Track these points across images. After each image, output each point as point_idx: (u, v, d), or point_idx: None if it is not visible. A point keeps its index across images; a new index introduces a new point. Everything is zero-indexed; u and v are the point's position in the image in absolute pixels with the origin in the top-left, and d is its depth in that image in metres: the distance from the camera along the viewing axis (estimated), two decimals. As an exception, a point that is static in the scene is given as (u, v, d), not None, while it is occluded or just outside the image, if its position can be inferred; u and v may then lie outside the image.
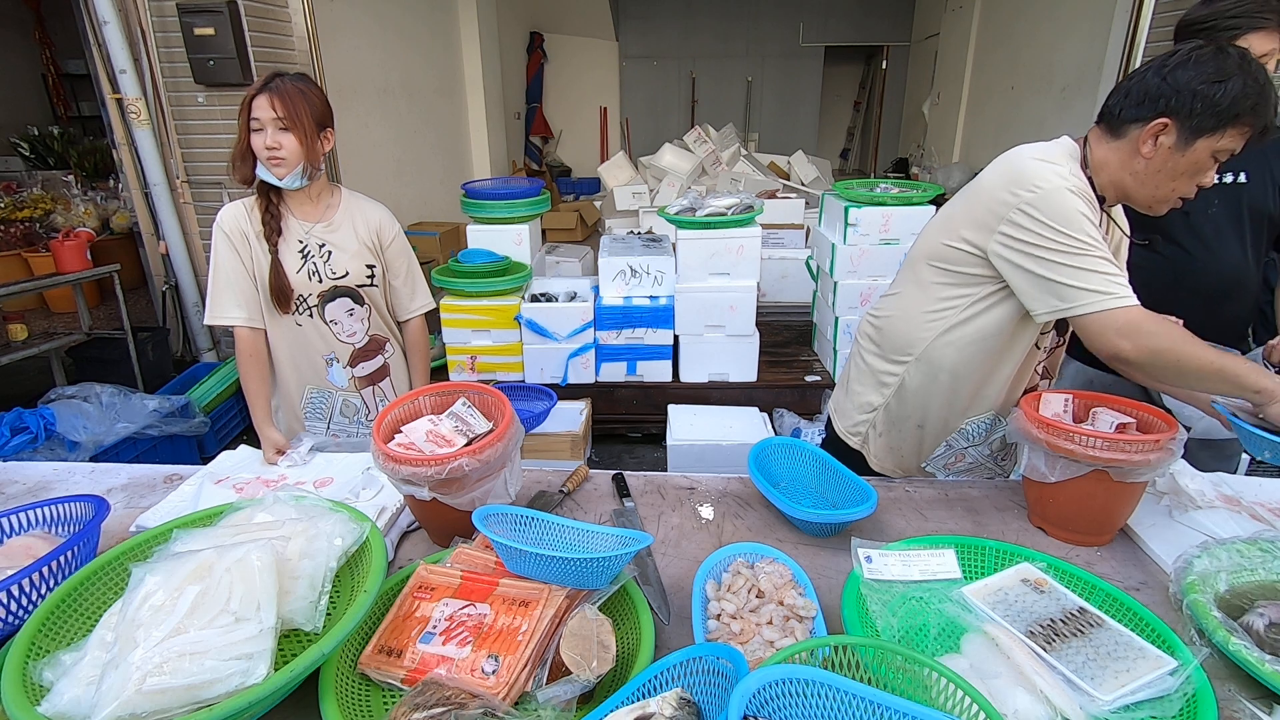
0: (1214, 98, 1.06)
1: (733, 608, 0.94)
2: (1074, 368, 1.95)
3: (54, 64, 7.09)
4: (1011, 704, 0.78)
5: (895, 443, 1.51)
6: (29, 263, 4.50)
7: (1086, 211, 1.14)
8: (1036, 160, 1.19)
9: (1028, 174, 1.18)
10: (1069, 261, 1.14)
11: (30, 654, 0.81)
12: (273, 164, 1.55)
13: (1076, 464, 1.12)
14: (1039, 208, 1.15)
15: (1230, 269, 1.66)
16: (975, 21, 7.49)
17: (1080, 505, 1.16)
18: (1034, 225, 1.16)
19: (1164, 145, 1.12)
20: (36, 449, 2.67)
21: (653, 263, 3.31)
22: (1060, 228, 1.14)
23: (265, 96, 1.52)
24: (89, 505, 1.12)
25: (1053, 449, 1.13)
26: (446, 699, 0.76)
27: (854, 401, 1.55)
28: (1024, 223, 1.17)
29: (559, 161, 9.95)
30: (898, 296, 1.45)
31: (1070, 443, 1.11)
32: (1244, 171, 1.62)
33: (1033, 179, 1.17)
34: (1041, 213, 1.15)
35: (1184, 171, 1.13)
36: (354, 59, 5.11)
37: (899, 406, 1.47)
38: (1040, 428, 1.15)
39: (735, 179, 6.02)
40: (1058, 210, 1.14)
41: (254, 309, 1.64)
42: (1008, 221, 1.19)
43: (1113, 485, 1.12)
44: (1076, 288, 1.14)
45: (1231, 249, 1.65)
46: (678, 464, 2.87)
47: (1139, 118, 1.13)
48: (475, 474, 1.07)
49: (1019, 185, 1.18)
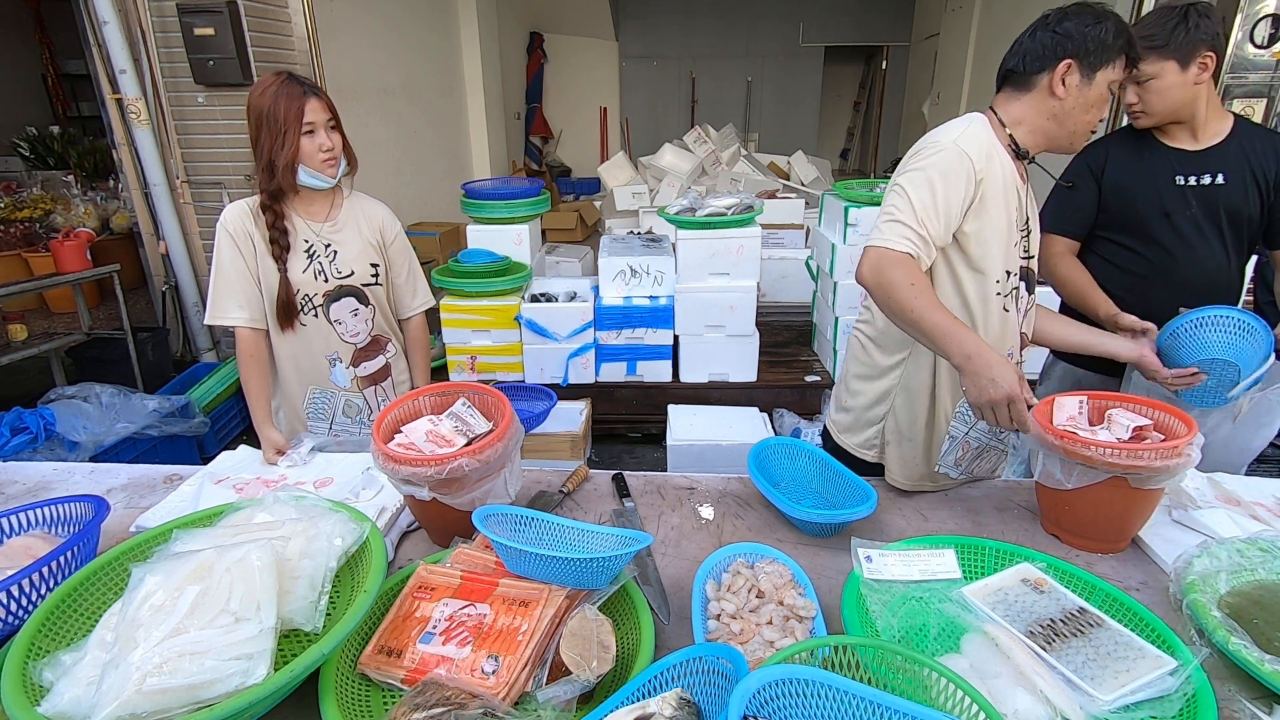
0: (1100, 35, 1.23)
1: (733, 608, 0.95)
2: (1061, 368, 1.95)
3: (54, 64, 7.09)
4: (1011, 704, 0.78)
5: (906, 454, 1.47)
6: (29, 263, 4.50)
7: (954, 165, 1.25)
8: (938, 133, 1.32)
9: (926, 142, 1.31)
10: (887, 201, 1.29)
11: (30, 654, 0.81)
12: (328, 165, 1.58)
13: (1094, 470, 1.10)
14: (916, 161, 1.29)
15: (1211, 267, 1.71)
16: (975, 21, 7.49)
17: (1097, 512, 1.14)
18: (900, 173, 1.32)
19: (1072, 83, 1.26)
20: (36, 449, 2.66)
21: (653, 263, 3.31)
22: (910, 177, 1.27)
23: (315, 100, 1.53)
24: (89, 505, 1.12)
25: (1069, 455, 1.11)
26: (446, 699, 0.76)
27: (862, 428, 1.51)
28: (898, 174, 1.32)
29: (559, 161, 9.95)
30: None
31: (1088, 450, 1.09)
32: (1222, 173, 1.65)
33: (927, 143, 1.30)
34: (914, 165, 1.29)
35: (1094, 102, 1.28)
36: (354, 59, 5.11)
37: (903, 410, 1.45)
38: (1056, 436, 1.13)
39: (735, 179, 6.02)
40: (925, 163, 1.27)
41: (256, 309, 1.64)
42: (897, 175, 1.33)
43: (1130, 492, 1.10)
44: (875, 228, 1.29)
45: (1213, 248, 1.69)
46: (678, 464, 2.87)
47: (1044, 67, 1.26)
48: (475, 474, 1.07)
49: (918, 150, 1.32)
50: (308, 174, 1.57)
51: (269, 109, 1.50)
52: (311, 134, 1.53)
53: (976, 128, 1.31)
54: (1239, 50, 3.44)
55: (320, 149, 1.54)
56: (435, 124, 6.47)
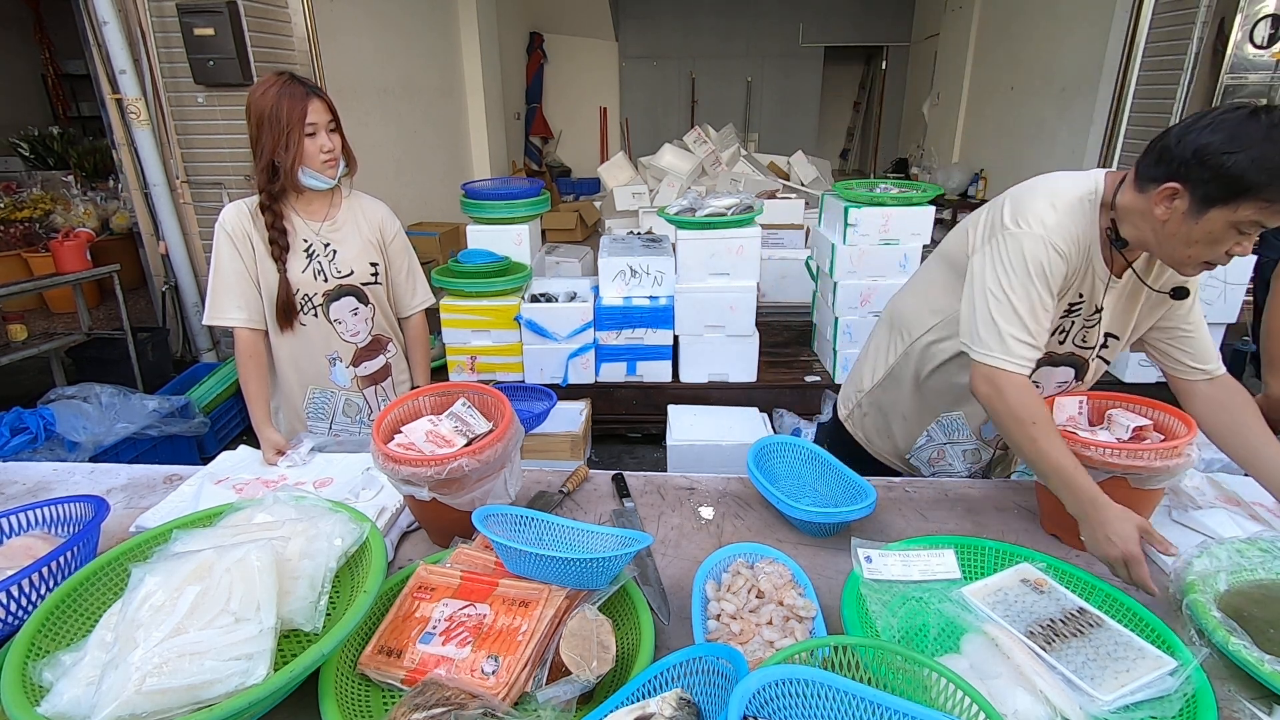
0: (1223, 168, 0.98)
1: (733, 608, 0.95)
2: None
3: (54, 64, 7.10)
4: (1011, 704, 0.78)
5: (882, 425, 1.58)
6: (29, 263, 4.50)
7: (1046, 265, 1.15)
8: (1045, 201, 1.19)
9: (1024, 208, 1.19)
10: (990, 306, 1.18)
11: (30, 654, 0.81)
12: (329, 166, 1.57)
13: (1093, 470, 1.10)
14: (1006, 244, 1.18)
15: None
16: (975, 21, 7.49)
17: None
18: (992, 259, 1.19)
19: (1177, 210, 1.06)
20: (36, 449, 2.66)
21: (652, 263, 3.31)
22: (1005, 272, 1.17)
23: (317, 101, 1.53)
24: (89, 506, 1.12)
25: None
26: (446, 699, 0.76)
27: (858, 377, 1.63)
28: (991, 252, 1.20)
29: (559, 161, 9.95)
30: (914, 283, 1.52)
31: (1088, 450, 1.10)
32: None
33: (1023, 215, 1.18)
34: (1005, 250, 1.17)
35: (1198, 240, 1.06)
36: (354, 59, 5.11)
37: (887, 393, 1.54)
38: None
39: (735, 179, 6.02)
40: (1016, 254, 1.16)
41: (255, 309, 1.64)
42: (987, 245, 1.22)
43: (1130, 492, 1.10)
44: (979, 332, 1.19)
45: None
46: (677, 464, 2.87)
47: (1154, 177, 1.08)
48: (475, 474, 1.07)
49: (1013, 215, 1.19)
50: (308, 175, 1.57)
51: (271, 110, 1.49)
52: (313, 135, 1.53)
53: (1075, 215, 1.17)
54: (1239, 50, 3.44)
55: (321, 150, 1.55)
56: (435, 124, 6.47)
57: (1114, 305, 1.28)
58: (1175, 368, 1.33)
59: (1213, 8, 3.46)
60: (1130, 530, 1.01)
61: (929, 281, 1.45)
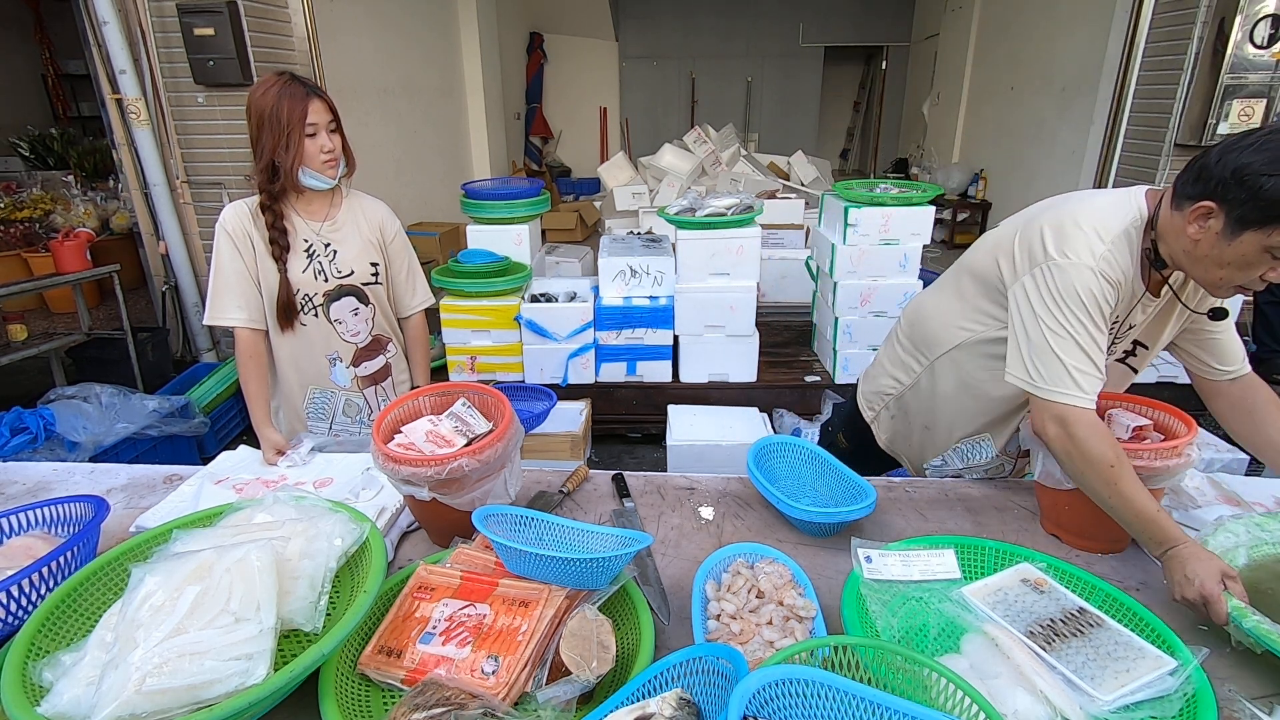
0: (1261, 189, 0.95)
1: (733, 608, 0.94)
2: None
3: (54, 64, 7.09)
4: (1011, 704, 0.78)
5: (904, 430, 1.57)
6: (29, 263, 4.50)
7: (1099, 296, 1.12)
8: (1092, 231, 1.15)
9: (1069, 238, 1.15)
10: (1048, 340, 1.13)
11: (30, 654, 0.81)
12: (329, 166, 1.57)
13: None
14: (1055, 277, 1.13)
15: None
16: (975, 21, 7.49)
17: (1097, 512, 1.13)
18: (1041, 292, 1.15)
19: (1211, 230, 1.03)
20: (36, 449, 2.66)
21: (652, 263, 3.31)
22: (1059, 306, 1.13)
23: (318, 101, 1.53)
24: (89, 506, 1.12)
25: None
26: (446, 699, 0.76)
27: (880, 377, 1.61)
28: (1037, 284, 1.16)
29: (559, 161, 9.95)
30: (938, 296, 1.47)
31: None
32: None
33: (1068, 245, 1.14)
34: (1055, 283, 1.13)
35: (1230, 262, 1.04)
36: (354, 59, 5.11)
37: (914, 400, 1.53)
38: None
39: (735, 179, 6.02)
40: (1068, 288, 1.12)
41: (255, 309, 1.64)
42: (1030, 275, 1.18)
43: None
44: (1038, 367, 1.15)
45: None
46: (677, 464, 2.87)
47: (1190, 195, 1.05)
48: (475, 474, 1.07)
49: (1057, 245, 1.15)
50: (309, 175, 1.57)
51: (272, 110, 1.49)
52: (313, 136, 1.54)
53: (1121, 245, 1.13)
54: (1239, 50, 3.44)
55: (322, 150, 1.55)
56: (435, 124, 6.47)
57: (1146, 320, 1.26)
58: (1200, 368, 1.32)
59: (1213, 8, 3.46)
60: (1210, 570, 0.97)
61: (955, 295, 1.40)
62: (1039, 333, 1.15)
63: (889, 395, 1.58)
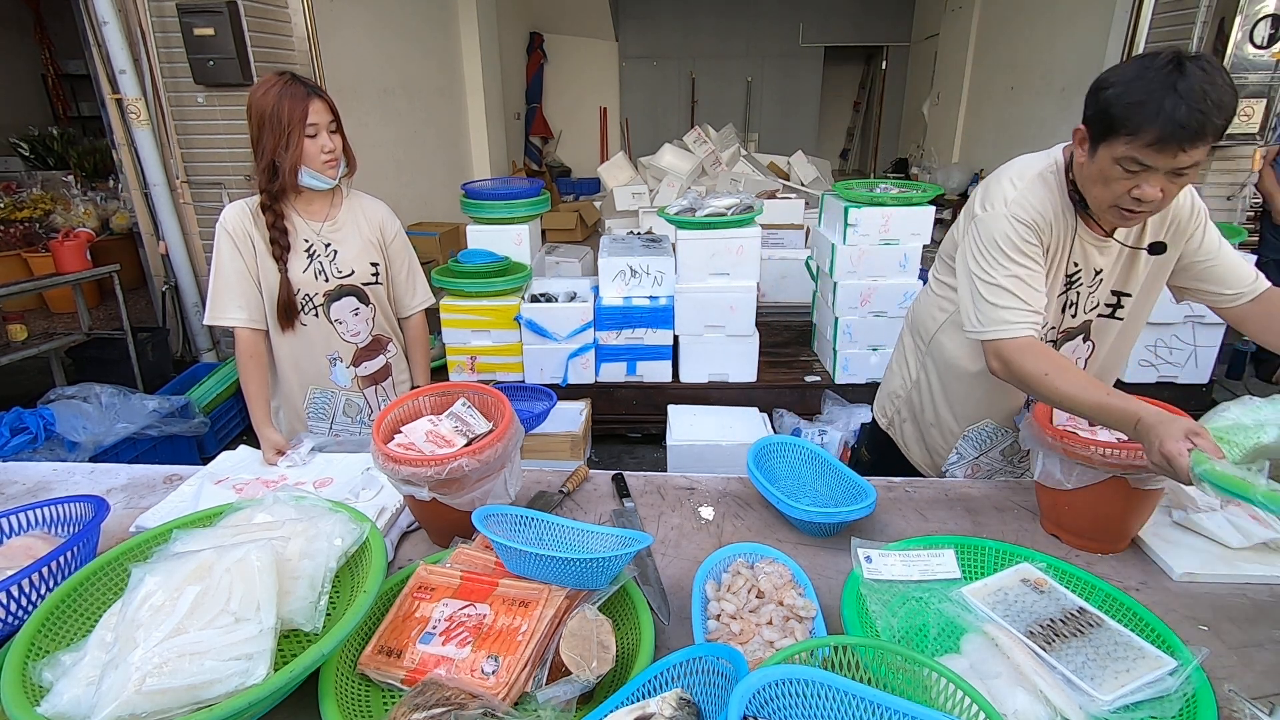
0: (1102, 102, 1.03)
1: (733, 608, 0.94)
2: None
3: (54, 64, 7.10)
4: (1011, 704, 0.78)
5: (917, 433, 1.60)
6: (29, 263, 4.50)
7: (1015, 238, 1.18)
8: (1007, 180, 1.23)
9: (990, 193, 1.23)
10: (979, 289, 1.22)
11: (30, 654, 0.81)
12: (329, 166, 1.58)
13: (1093, 470, 1.10)
14: (979, 230, 1.22)
15: None
16: (975, 21, 7.49)
17: (1096, 512, 1.13)
18: (971, 247, 1.24)
19: (1082, 152, 1.12)
20: (36, 449, 2.66)
21: (653, 263, 3.31)
22: (983, 254, 1.20)
23: (318, 101, 1.53)
24: (89, 506, 1.12)
25: (1069, 455, 1.11)
26: (446, 699, 0.76)
27: (891, 380, 1.66)
28: (970, 241, 1.25)
29: (559, 161, 9.95)
30: (926, 287, 1.56)
31: (1087, 450, 1.09)
32: None
33: (989, 199, 1.23)
34: (979, 235, 1.22)
35: (1094, 179, 1.10)
36: (354, 59, 5.11)
37: (917, 397, 1.56)
38: (1056, 436, 1.13)
39: (735, 179, 6.02)
40: (988, 235, 1.20)
41: (255, 309, 1.64)
42: (965, 236, 1.27)
43: (1130, 492, 1.10)
44: (976, 315, 1.23)
45: None
46: (677, 464, 2.87)
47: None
48: (475, 474, 1.07)
49: (984, 201, 1.24)
50: (309, 175, 1.57)
51: (272, 110, 1.49)
52: (314, 136, 1.54)
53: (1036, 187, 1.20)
54: (1239, 50, 3.44)
55: (322, 150, 1.55)
56: (435, 124, 6.47)
57: (1113, 265, 1.28)
58: (1214, 299, 1.31)
59: (1213, 8, 3.46)
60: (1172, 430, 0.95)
61: (934, 281, 1.49)
62: (970, 284, 1.24)
63: (899, 397, 1.61)
